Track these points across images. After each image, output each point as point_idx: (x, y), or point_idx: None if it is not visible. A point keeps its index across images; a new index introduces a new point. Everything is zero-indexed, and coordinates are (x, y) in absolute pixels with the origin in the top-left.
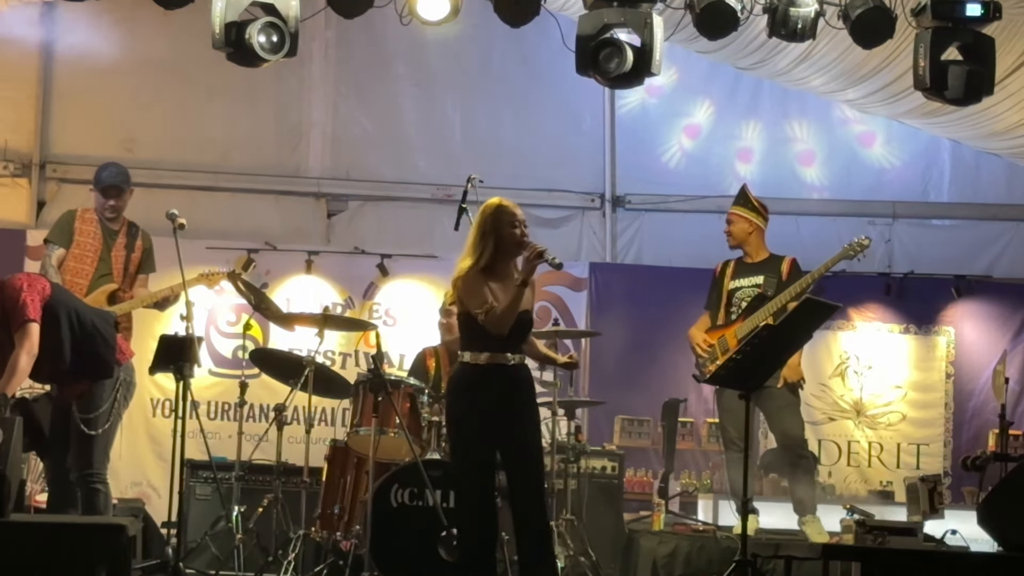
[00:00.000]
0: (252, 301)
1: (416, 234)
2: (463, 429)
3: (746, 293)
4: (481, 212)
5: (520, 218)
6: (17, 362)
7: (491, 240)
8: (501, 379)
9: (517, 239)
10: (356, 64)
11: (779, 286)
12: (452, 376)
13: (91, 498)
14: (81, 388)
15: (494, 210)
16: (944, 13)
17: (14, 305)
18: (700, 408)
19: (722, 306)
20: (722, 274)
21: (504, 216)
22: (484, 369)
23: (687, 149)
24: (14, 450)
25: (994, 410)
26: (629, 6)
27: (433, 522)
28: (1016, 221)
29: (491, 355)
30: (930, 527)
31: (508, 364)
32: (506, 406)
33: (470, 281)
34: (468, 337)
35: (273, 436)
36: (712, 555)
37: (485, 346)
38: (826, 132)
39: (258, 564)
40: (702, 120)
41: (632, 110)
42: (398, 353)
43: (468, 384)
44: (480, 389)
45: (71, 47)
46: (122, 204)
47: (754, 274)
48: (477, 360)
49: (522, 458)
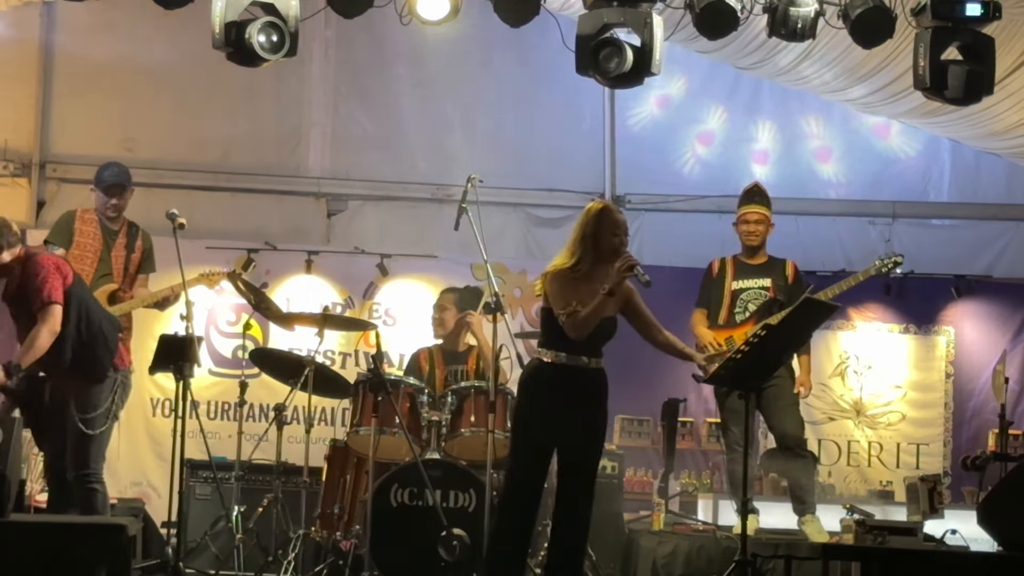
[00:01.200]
0: (252, 301)
1: (416, 234)
2: (524, 424)
3: (753, 295)
4: (586, 213)
5: (623, 226)
6: (37, 337)
7: (591, 243)
8: (573, 381)
9: (615, 247)
10: (356, 64)
11: (786, 290)
12: (525, 371)
13: (88, 498)
14: (73, 385)
15: (599, 213)
16: (944, 13)
17: (36, 283)
18: (700, 408)
19: (724, 306)
20: (721, 272)
21: (608, 221)
22: (557, 368)
23: (701, 155)
24: (14, 450)
25: (994, 410)
26: (629, 6)
27: (433, 522)
28: (1016, 221)
29: (568, 355)
30: (930, 527)
31: (584, 367)
32: (572, 407)
33: (560, 280)
34: (547, 335)
35: (273, 436)
36: (712, 555)
37: (563, 346)
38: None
39: (258, 564)
40: (715, 126)
41: (642, 120)
42: (398, 353)
43: (539, 382)
44: (550, 388)
45: (71, 47)
46: (124, 203)
47: (758, 276)
48: (553, 359)
49: (575, 463)
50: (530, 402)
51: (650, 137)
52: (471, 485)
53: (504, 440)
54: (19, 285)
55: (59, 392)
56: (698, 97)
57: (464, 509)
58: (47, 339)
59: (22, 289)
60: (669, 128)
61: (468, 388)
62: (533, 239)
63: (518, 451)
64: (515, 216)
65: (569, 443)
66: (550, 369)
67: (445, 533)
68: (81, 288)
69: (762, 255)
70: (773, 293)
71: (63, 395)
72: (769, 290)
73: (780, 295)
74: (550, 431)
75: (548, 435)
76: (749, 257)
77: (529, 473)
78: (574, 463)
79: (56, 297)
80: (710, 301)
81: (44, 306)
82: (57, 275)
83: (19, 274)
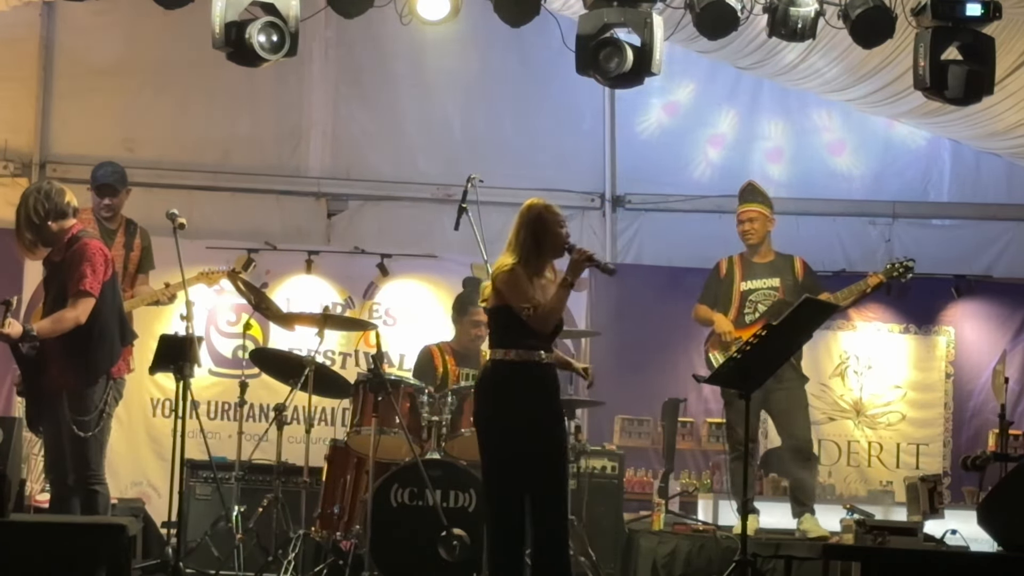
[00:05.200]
0: (252, 301)
1: (416, 234)
2: (496, 427)
3: (762, 295)
4: (526, 211)
5: (564, 219)
6: (62, 320)
7: (536, 240)
8: (534, 377)
9: (563, 240)
10: (356, 64)
11: (795, 289)
12: (484, 373)
13: (90, 499)
14: (63, 381)
15: (541, 210)
16: (944, 13)
17: (81, 268)
18: (700, 408)
19: (734, 307)
20: (729, 272)
21: (550, 217)
22: (517, 366)
23: (712, 159)
24: (14, 450)
25: (994, 410)
26: (629, 6)
27: (433, 522)
28: (1016, 221)
29: (525, 352)
30: (930, 527)
31: (542, 362)
32: (538, 405)
33: (517, 277)
34: (501, 334)
35: (273, 436)
36: (712, 555)
37: (519, 343)
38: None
39: (258, 564)
40: (726, 129)
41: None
42: (398, 353)
43: (501, 381)
44: (513, 387)
45: (71, 47)
46: (118, 203)
47: (767, 275)
48: (510, 357)
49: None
50: (492, 402)
51: (660, 144)
52: (471, 485)
53: None
54: (63, 260)
55: (54, 383)
56: (706, 101)
57: (464, 509)
58: (70, 325)
59: (65, 265)
60: (678, 134)
61: (468, 388)
62: None
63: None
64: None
65: (537, 441)
66: (508, 367)
67: (445, 533)
68: (112, 289)
69: (768, 252)
70: (783, 293)
71: (57, 386)
72: (778, 290)
73: (789, 294)
74: (520, 431)
75: (519, 435)
76: (755, 255)
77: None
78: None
79: (94, 290)
80: (716, 301)
81: (80, 294)
82: (102, 269)
83: (66, 249)
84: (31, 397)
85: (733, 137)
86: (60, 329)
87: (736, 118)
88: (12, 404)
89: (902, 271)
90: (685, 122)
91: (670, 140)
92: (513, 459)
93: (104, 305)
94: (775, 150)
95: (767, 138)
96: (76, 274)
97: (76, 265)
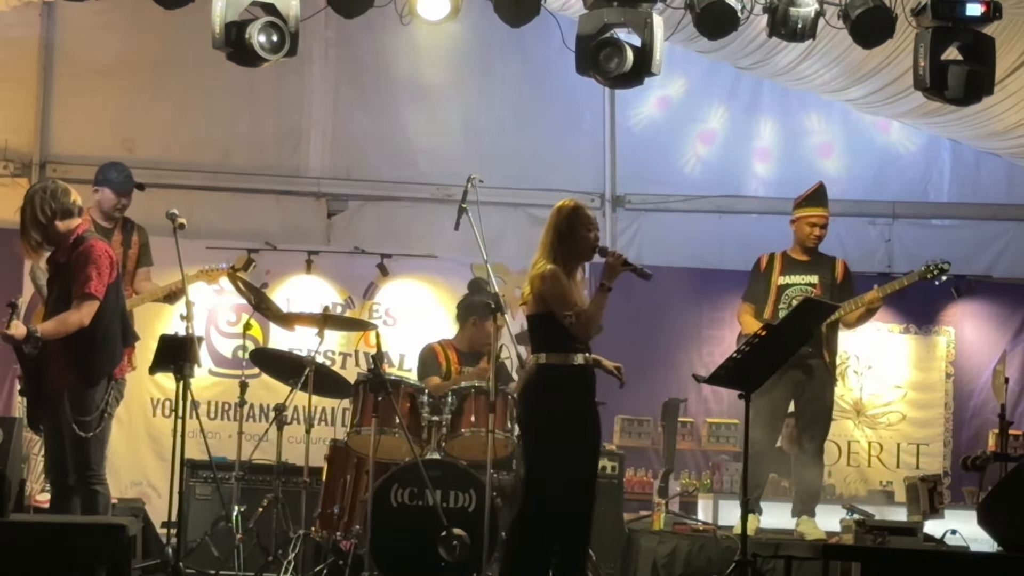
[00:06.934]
0: (252, 301)
1: (416, 234)
2: (548, 432)
3: (798, 291)
4: (556, 213)
5: (595, 222)
6: (66, 321)
7: (564, 241)
8: (579, 379)
9: (593, 243)
10: (356, 64)
11: (833, 288)
12: (531, 378)
13: (91, 500)
14: (65, 380)
15: (571, 212)
16: (944, 13)
17: (86, 270)
18: (700, 408)
19: (770, 302)
20: (769, 267)
21: (581, 219)
22: (564, 370)
23: (702, 155)
24: (14, 450)
25: (994, 410)
26: (629, 6)
27: (433, 522)
28: (1016, 221)
29: (570, 355)
30: (930, 527)
31: (585, 366)
32: (586, 407)
33: (559, 282)
34: (546, 338)
35: (273, 436)
36: (712, 555)
37: (564, 347)
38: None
39: (258, 564)
40: (716, 126)
41: (641, 121)
42: (398, 353)
43: (551, 385)
44: (564, 390)
45: (71, 47)
46: (129, 204)
47: (807, 272)
48: (557, 361)
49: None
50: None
51: (650, 137)
52: (471, 485)
53: (504, 440)
54: (68, 260)
55: (56, 383)
56: (698, 97)
57: (464, 509)
58: (74, 327)
59: (70, 266)
60: (669, 128)
61: (468, 388)
62: (533, 239)
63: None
64: (515, 216)
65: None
66: (556, 372)
67: (445, 533)
68: (116, 292)
69: (812, 251)
70: (820, 291)
71: (59, 386)
72: (816, 287)
73: (826, 293)
74: (568, 434)
75: (568, 438)
76: (800, 254)
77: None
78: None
79: (99, 293)
80: (757, 296)
81: (85, 296)
82: (107, 272)
83: (71, 250)
84: (32, 397)
85: (726, 135)
86: (64, 331)
87: (729, 116)
88: (12, 404)
89: (936, 272)
90: (677, 117)
91: (665, 137)
92: (563, 457)
93: (107, 307)
94: (764, 149)
95: (757, 138)
96: (82, 276)
97: (82, 267)
